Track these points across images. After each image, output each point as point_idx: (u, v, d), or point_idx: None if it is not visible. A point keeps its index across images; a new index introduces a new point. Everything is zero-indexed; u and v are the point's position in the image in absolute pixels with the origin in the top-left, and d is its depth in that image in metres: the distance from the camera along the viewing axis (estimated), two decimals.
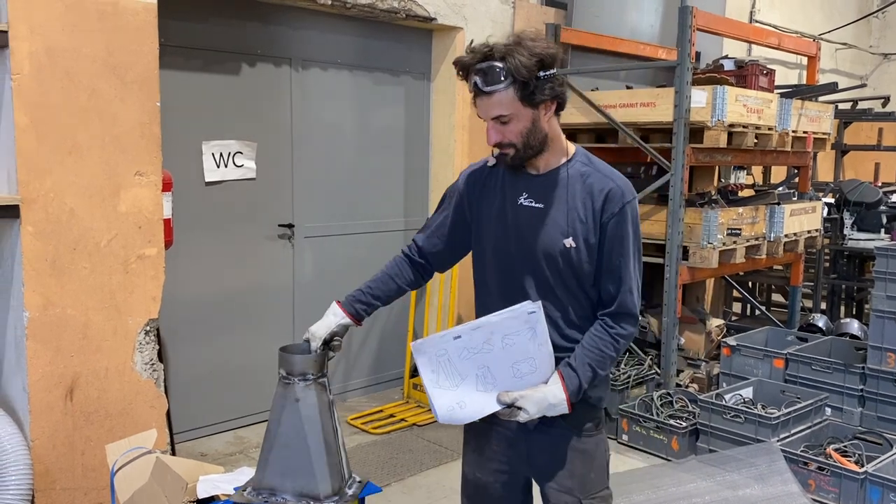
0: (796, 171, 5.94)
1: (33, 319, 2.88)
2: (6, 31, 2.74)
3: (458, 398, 1.84)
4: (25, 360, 2.89)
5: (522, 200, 1.96)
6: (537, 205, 1.94)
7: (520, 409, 1.82)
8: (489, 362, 1.85)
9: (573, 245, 1.90)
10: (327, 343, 2.02)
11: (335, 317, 2.06)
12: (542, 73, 1.81)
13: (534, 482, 2.10)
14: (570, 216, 1.91)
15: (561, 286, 1.94)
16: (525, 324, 1.84)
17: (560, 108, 1.91)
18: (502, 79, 1.80)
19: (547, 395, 1.84)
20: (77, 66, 2.92)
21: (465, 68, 1.85)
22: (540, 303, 1.88)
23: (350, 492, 1.90)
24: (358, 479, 1.97)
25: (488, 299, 2.03)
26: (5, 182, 2.88)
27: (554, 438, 1.98)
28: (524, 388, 1.85)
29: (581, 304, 1.96)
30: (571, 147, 2.00)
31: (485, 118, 1.88)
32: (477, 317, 2.03)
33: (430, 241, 2.16)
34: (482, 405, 1.84)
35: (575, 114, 5.01)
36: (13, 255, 2.90)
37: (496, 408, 1.83)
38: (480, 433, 2.06)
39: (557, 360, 1.90)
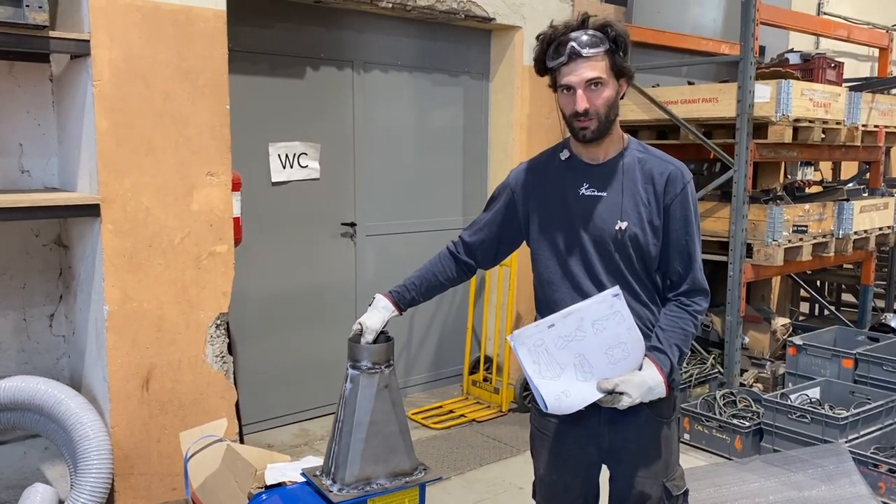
0: (867, 166, 5.75)
1: (112, 312, 3.04)
2: (88, 41, 2.91)
3: (562, 387, 1.87)
4: (105, 352, 3.06)
5: (584, 191, 2.00)
6: (599, 193, 1.99)
7: (621, 394, 1.85)
8: (584, 350, 1.88)
9: (625, 228, 1.95)
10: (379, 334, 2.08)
11: (386, 310, 2.11)
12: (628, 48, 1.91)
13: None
14: (629, 201, 1.96)
15: (629, 268, 1.98)
16: (611, 308, 1.88)
17: (627, 88, 1.98)
18: (601, 43, 1.86)
19: (646, 379, 1.88)
20: (153, 71, 3.07)
21: (555, 36, 1.89)
22: (618, 287, 1.92)
23: (426, 464, 1.98)
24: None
25: (556, 293, 2.06)
26: (87, 182, 3.05)
27: (640, 426, 2.01)
28: (620, 374, 1.88)
29: (647, 287, 2.01)
30: (626, 136, 2.05)
31: (577, 84, 1.88)
32: (540, 313, 2.08)
33: (477, 238, 2.20)
34: (585, 394, 1.86)
35: (636, 110, 4.99)
36: (94, 251, 3.07)
37: (598, 395, 1.86)
38: (557, 435, 2.09)
39: None
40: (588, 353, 1.88)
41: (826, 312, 6.35)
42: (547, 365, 1.88)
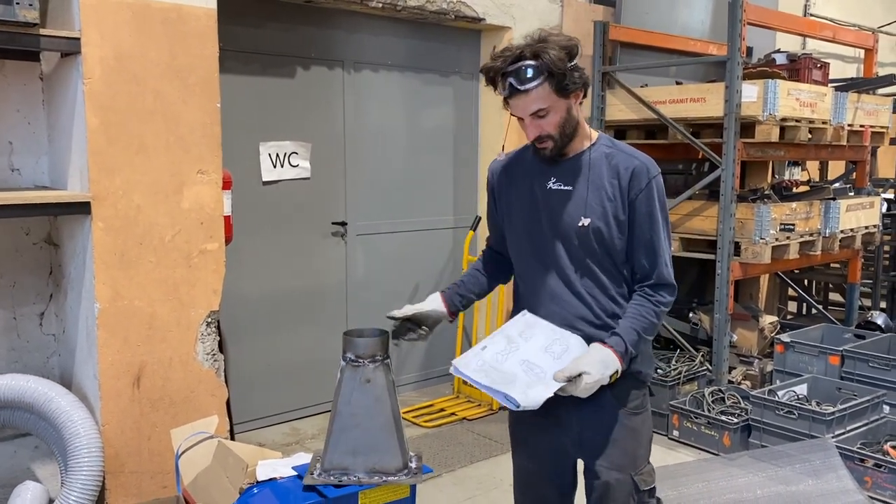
0: (853, 165, 5.81)
1: (103, 310, 3.05)
2: (79, 38, 2.91)
3: (522, 389, 1.88)
4: (96, 349, 3.06)
5: (551, 185, 2.05)
6: (566, 187, 2.03)
7: (580, 375, 1.86)
8: (524, 356, 1.93)
9: (585, 224, 1.99)
10: (408, 320, 2.17)
11: (431, 303, 2.22)
12: (570, 64, 1.90)
13: (579, 462, 2.18)
14: (594, 196, 2.00)
15: (596, 262, 2.03)
16: (525, 323, 1.99)
17: (584, 94, 2.00)
18: (538, 75, 1.88)
19: (597, 356, 1.91)
20: (143, 70, 3.07)
21: (495, 73, 1.93)
22: (525, 310, 2.07)
23: (414, 465, 1.98)
24: (415, 454, 2.05)
25: (526, 286, 2.14)
26: (78, 181, 3.06)
27: (605, 417, 2.06)
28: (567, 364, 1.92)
29: (616, 280, 2.05)
30: (594, 132, 2.09)
31: (522, 115, 1.95)
32: (515, 306, 2.19)
33: (493, 236, 2.32)
34: (545, 388, 1.87)
35: (624, 110, 5.02)
36: (85, 249, 3.07)
37: (558, 385, 1.87)
38: (530, 424, 2.15)
39: (594, 337, 2.00)
40: (529, 357, 1.93)
41: (814, 311, 6.40)
42: (499, 377, 1.90)
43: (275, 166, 4.29)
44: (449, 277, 5.19)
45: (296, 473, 2.05)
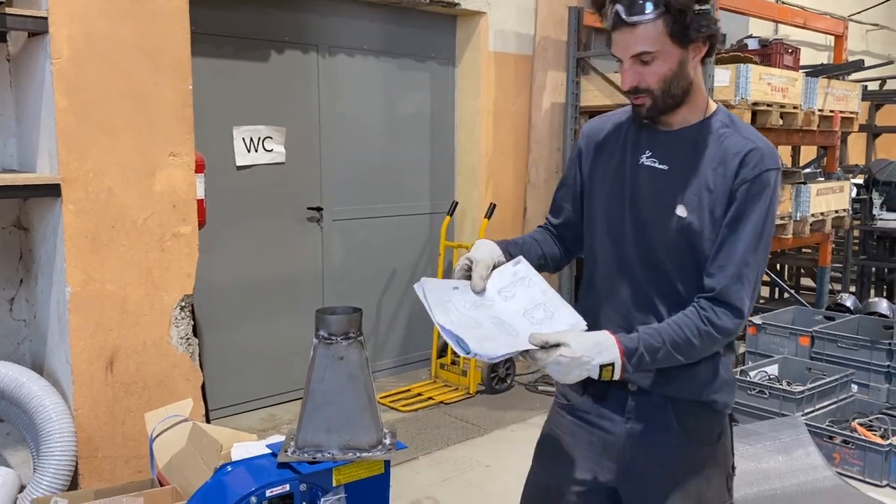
0: (824, 151, 5.90)
1: (75, 294, 3.01)
2: (46, 18, 2.87)
3: (484, 334, 1.54)
4: (68, 334, 3.02)
5: (644, 160, 1.66)
6: (661, 166, 1.64)
7: (557, 345, 1.48)
8: (497, 314, 1.61)
9: (684, 216, 1.59)
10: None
11: (495, 250, 1.73)
12: (699, 7, 1.53)
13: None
14: (694, 183, 1.60)
15: (674, 262, 1.62)
16: (514, 275, 1.66)
17: (710, 52, 1.60)
18: (652, 7, 1.50)
19: (593, 336, 1.53)
20: (113, 50, 3.03)
21: None
22: (521, 257, 1.68)
23: (388, 442, 1.98)
24: (389, 431, 2.06)
25: (595, 272, 1.76)
26: (47, 163, 3.01)
27: (665, 447, 1.66)
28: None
29: (696, 288, 1.61)
30: (713, 104, 1.68)
31: (622, 56, 1.57)
32: (584, 297, 1.82)
33: (558, 211, 1.87)
34: (513, 341, 1.53)
35: (599, 96, 5.05)
36: (55, 232, 3.03)
37: (528, 346, 1.50)
38: (568, 434, 1.78)
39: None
40: (503, 316, 1.60)
41: (786, 295, 6.50)
42: (459, 319, 1.57)
43: (249, 151, 4.27)
44: (426, 263, 5.20)
45: (270, 451, 2.05)
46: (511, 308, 1.62)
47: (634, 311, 1.67)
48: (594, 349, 1.51)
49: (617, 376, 1.53)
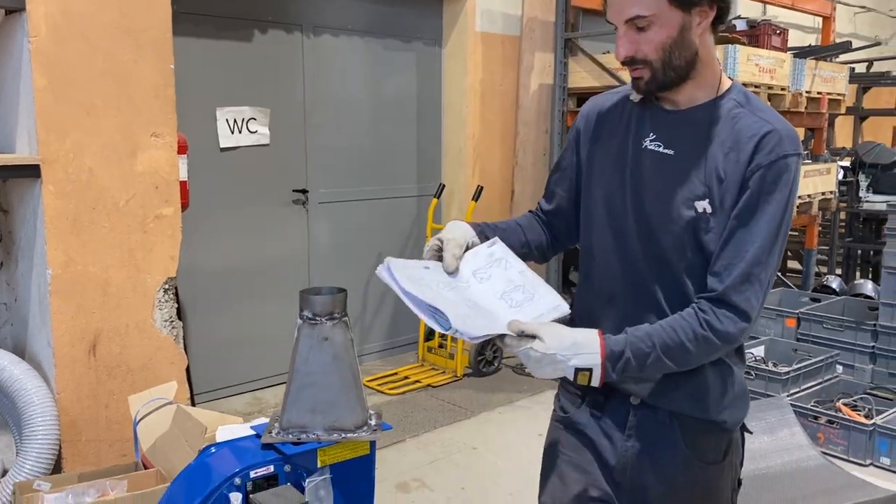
0: (812, 133, 5.90)
1: (56, 276, 2.97)
2: None
3: (463, 313, 1.42)
4: (49, 316, 2.98)
5: (648, 143, 1.48)
6: (666, 150, 1.46)
7: (533, 337, 1.36)
8: (472, 296, 1.48)
9: (692, 208, 1.42)
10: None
11: (467, 230, 1.60)
12: None
13: None
14: (703, 170, 1.42)
15: (681, 260, 1.45)
16: (490, 257, 1.55)
17: (720, 19, 1.42)
18: None
19: (575, 334, 1.39)
20: (92, 28, 2.97)
21: None
22: (497, 238, 1.56)
23: (373, 422, 1.97)
24: (374, 412, 2.04)
25: (592, 268, 1.60)
26: (26, 143, 2.96)
27: (670, 467, 1.52)
28: (530, 316, 1.44)
29: (702, 287, 1.44)
30: (727, 81, 1.49)
31: (616, 22, 1.42)
32: (579, 295, 1.67)
33: (550, 197, 1.70)
34: (492, 325, 1.42)
35: (587, 77, 5.02)
36: (35, 213, 2.99)
37: (505, 330, 1.39)
38: (569, 450, 1.65)
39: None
40: (479, 299, 1.48)
41: None
42: (432, 295, 1.43)
43: (233, 132, 4.22)
44: (413, 245, 5.17)
45: (254, 433, 2.03)
46: (487, 290, 1.50)
47: (636, 312, 1.49)
48: (571, 349, 1.36)
49: (595, 383, 1.39)
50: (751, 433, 1.63)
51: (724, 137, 1.42)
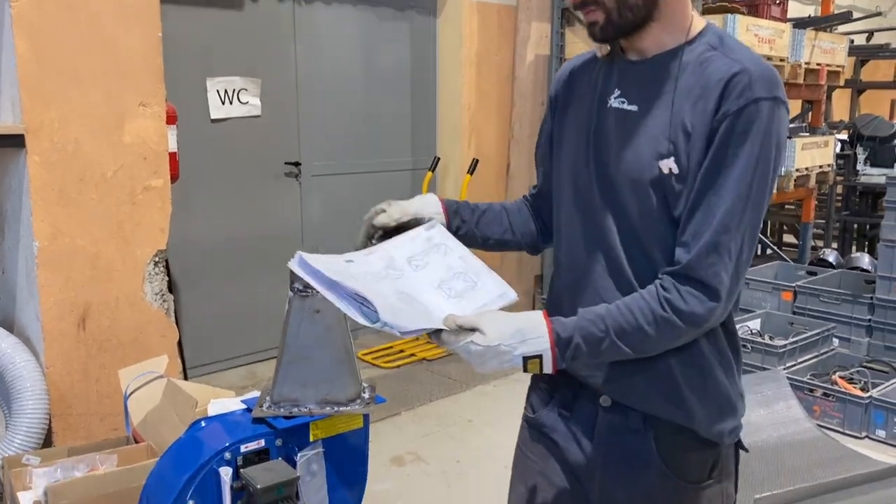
0: (810, 105, 5.84)
1: (43, 248, 2.92)
2: None
3: (392, 305, 1.24)
4: (37, 289, 2.94)
5: (612, 101, 1.30)
6: (630, 107, 1.27)
7: (472, 330, 1.19)
8: (406, 288, 1.31)
9: (657, 171, 1.22)
10: (393, 229, 1.46)
11: (432, 205, 1.46)
12: None
13: None
14: (669, 125, 1.22)
15: (651, 232, 1.25)
16: (428, 241, 1.40)
17: None
18: None
19: (518, 321, 1.21)
20: None
21: None
22: (435, 220, 1.42)
23: (367, 395, 1.94)
24: (368, 385, 2.01)
25: (560, 249, 1.42)
26: (10, 112, 2.89)
27: (642, 479, 1.32)
28: (473, 308, 1.28)
29: (670, 259, 1.24)
30: (699, 22, 1.28)
31: None
32: (552, 283, 1.50)
33: (538, 178, 1.55)
34: (425, 318, 1.24)
35: (584, 47, 4.93)
36: (21, 184, 2.92)
37: (440, 324, 1.22)
38: (536, 457, 1.49)
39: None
40: (413, 291, 1.30)
41: (769, 252, 6.51)
42: (361, 287, 1.26)
43: (223, 103, 4.14)
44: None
45: (245, 407, 2.00)
46: (423, 279, 1.33)
47: (611, 296, 1.28)
48: (516, 337, 1.18)
49: (548, 370, 1.21)
50: (746, 451, 1.40)
51: (692, 85, 1.21)
